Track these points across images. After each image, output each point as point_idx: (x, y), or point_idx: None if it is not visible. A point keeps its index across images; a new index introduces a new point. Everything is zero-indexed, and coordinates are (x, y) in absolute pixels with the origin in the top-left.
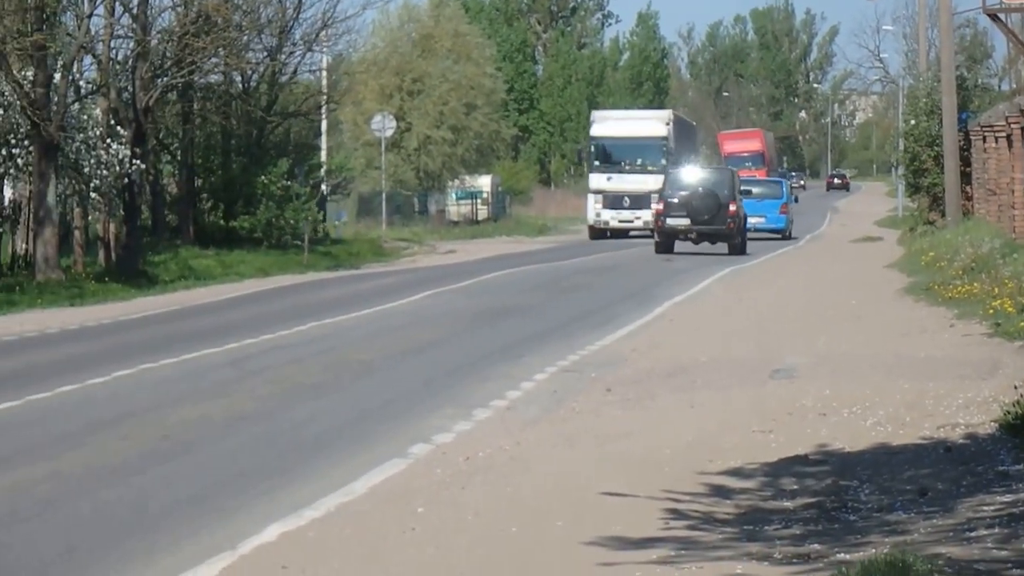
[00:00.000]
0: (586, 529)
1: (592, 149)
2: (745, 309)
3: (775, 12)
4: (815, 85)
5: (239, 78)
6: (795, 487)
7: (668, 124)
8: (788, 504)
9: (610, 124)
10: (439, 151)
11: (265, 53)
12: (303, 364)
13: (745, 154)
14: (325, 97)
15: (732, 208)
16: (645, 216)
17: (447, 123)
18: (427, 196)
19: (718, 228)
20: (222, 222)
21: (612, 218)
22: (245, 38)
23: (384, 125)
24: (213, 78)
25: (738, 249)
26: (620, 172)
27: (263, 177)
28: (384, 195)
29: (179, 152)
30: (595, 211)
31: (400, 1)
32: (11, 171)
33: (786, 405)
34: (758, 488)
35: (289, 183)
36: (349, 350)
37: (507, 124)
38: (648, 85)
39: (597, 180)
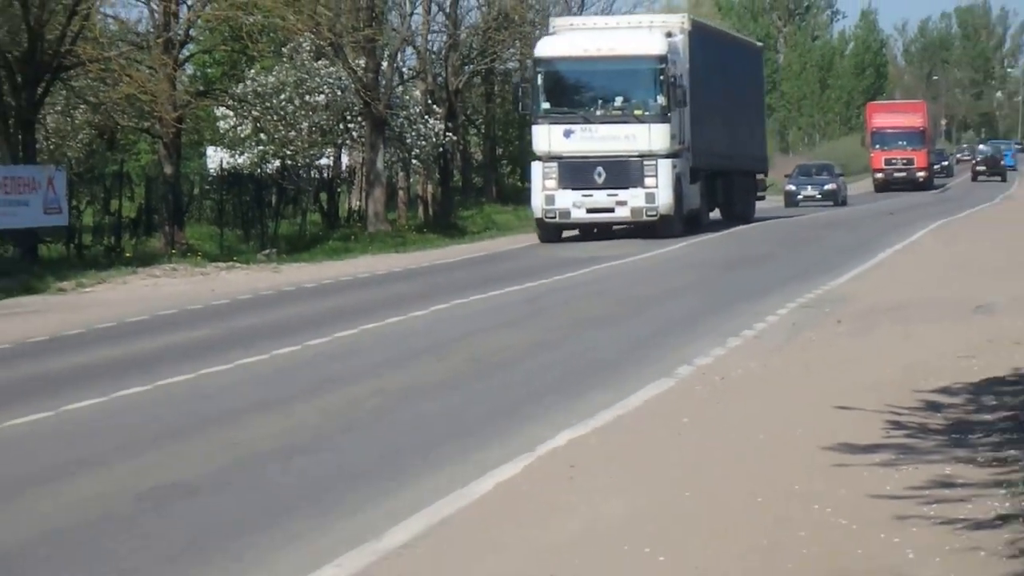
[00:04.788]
0: (821, 436)
1: (539, 81)
2: (952, 256)
3: (975, 8)
4: (1008, 69)
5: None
6: (994, 403)
7: (671, 37)
8: (988, 417)
9: (568, 39)
10: None
11: None
12: (586, 301)
13: (891, 130)
14: None
15: (1002, 163)
16: (635, 200)
17: None
18: None
19: (1000, 171)
20: (519, 183)
21: (574, 204)
22: (537, 32)
23: None
24: (511, 65)
25: (1004, 179)
26: (587, 122)
27: None
28: None
29: (483, 126)
30: (543, 193)
31: (663, 1)
32: (347, 142)
33: (987, 336)
34: (963, 403)
35: None
36: (624, 289)
37: None
38: (870, 71)
39: (546, 136)
